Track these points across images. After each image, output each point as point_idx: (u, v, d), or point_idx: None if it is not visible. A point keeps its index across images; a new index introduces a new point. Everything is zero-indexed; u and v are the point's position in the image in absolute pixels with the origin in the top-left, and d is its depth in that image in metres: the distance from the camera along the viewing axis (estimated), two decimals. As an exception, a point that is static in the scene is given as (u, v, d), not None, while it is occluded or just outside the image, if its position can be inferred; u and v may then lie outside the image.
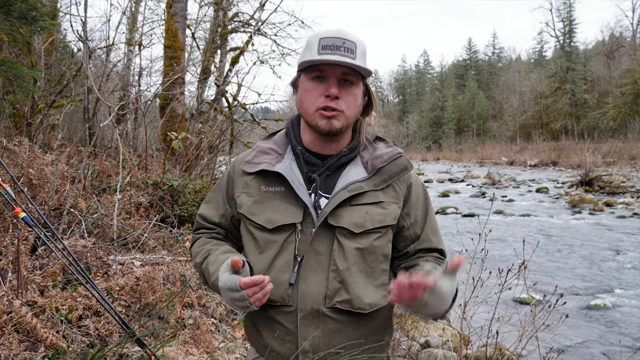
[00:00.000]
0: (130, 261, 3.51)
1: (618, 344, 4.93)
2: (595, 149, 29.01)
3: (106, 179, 5.12)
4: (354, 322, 1.33)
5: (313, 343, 1.30)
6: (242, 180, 1.42)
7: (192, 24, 11.75)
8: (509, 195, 18.48)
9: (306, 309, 1.30)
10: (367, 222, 1.32)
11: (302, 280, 1.30)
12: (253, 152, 1.44)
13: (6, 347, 2.19)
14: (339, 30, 1.32)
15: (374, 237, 1.34)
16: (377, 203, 1.35)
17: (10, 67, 4.28)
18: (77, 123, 10.88)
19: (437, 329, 4.85)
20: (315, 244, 1.31)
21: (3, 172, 3.34)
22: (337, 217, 1.32)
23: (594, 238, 10.42)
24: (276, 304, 1.31)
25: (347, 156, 1.39)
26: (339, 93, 1.31)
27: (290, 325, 1.32)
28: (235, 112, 9.18)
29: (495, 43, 78.70)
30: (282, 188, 1.36)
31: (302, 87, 1.36)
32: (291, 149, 1.42)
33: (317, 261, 1.31)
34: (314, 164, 1.39)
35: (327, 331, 1.31)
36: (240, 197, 1.41)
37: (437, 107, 71.73)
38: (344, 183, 1.35)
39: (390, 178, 1.39)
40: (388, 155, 1.41)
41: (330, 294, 1.29)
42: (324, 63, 1.29)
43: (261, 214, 1.35)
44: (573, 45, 56.43)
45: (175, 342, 3.08)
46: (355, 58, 1.29)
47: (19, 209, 1.79)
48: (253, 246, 1.36)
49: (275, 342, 1.34)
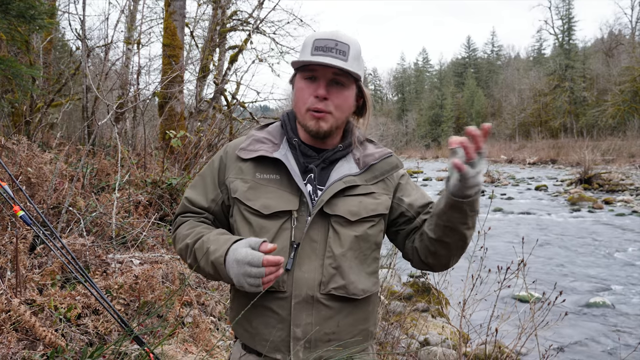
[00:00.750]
0: (129, 260, 3.51)
1: (617, 341, 4.94)
2: (594, 146, 29.02)
3: (105, 177, 5.12)
4: (346, 309, 1.36)
5: (305, 330, 1.32)
6: (236, 165, 1.43)
7: (191, 22, 11.74)
8: (508, 193, 18.50)
9: (300, 295, 1.31)
10: (362, 211, 1.37)
11: (297, 267, 1.32)
12: (248, 140, 1.46)
13: (5, 346, 2.19)
14: (334, 32, 1.35)
15: (368, 225, 1.38)
16: (369, 194, 1.41)
17: (8, 66, 4.27)
18: (75, 122, 10.87)
19: (437, 327, 4.85)
20: (311, 232, 1.34)
21: (1, 171, 3.33)
22: (333, 206, 1.35)
23: (592, 236, 10.44)
24: (270, 290, 1.32)
25: (342, 152, 1.44)
26: (328, 94, 1.34)
27: (283, 312, 1.33)
28: (234, 110, 9.17)
29: (494, 41, 78.71)
30: (277, 176, 1.39)
31: (297, 86, 1.40)
32: (287, 140, 1.45)
33: (312, 248, 1.34)
34: (309, 155, 1.42)
35: (320, 318, 1.33)
36: (235, 182, 1.41)
37: (436, 105, 71.72)
38: (338, 175, 1.39)
39: (381, 175, 1.44)
40: (379, 154, 1.47)
41: (325, 280, 1.32)
42: (314, 64, 1.32)
43: (257, 199, 1.36)
44: (572, 43, 56.44)
45: (174, 340, 3.08)
46: (347, 60, 1.33)
47: (18, 208, 1.79)
48: (247, 231, 1.37)
49: (265, 329, 1.35)
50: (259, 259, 1.21)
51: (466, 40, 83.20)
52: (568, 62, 53.70)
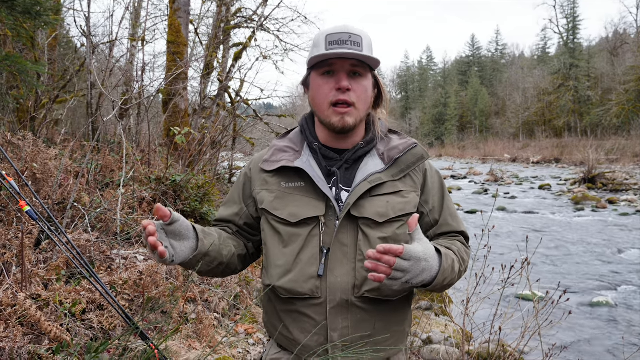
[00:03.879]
0: (134, 255, 3.52)
1: (621, 341, 4.93)
2: (598, 146, 28.94)
3: (109, 173, 5.13)
4: (381, 311, 1.35)
5: (342, 334, 1.32)
6: (261, 178, 1.44)
7: (195, 19, 11.74)
8: (512, 192, 18.46)
9: (335, 300, 1.31)
10: (390, 211, 1.34)
11: (329, 272, 1.32)
12: (270, 151, 1.47)
13: (11, 340, 2.20)
14: (345, 26, 1.35)
15: (397, 225, 1.35)
16: (396, 192, 1.37)
17: (14, 62, 4.28)
18: (80, 118, 10.88)
19: (440, 325, 4.85)
20: (340, 236, 1.33)
21: (7, 166, 3.35)
22: (360, 208, 1.34)
23: (596, 235, 10.41)
24: (304, 297, 1.33)
25: (364, 149, 1.42)
26: (350, 85, 1.33)
27: (319, 317, 1.33)
28: (238, 107, 9.17)
29: (499, 40, 78.41)
30: (302, 183, 1.38)
31: (314, 84, 1.39)
32: (307, 146, 1.45)
33: (342, 252, 1.33)
34: (331, 158, 1.41)
35: (355, 321, 1.33)
36: (261, 194, 1.42)
37: (439, 104, 71.56)
38: (363, 175, 1.37)
39: (407, 168, 1.41)
40: (404, 145, 1.43)
41: (359, 284, 1.31)
42: (333, 57, 1.31)
43: (284, 208, 1.36)
44: (577, 42, 56.09)
45: (178, 336, 3.09)
46: (362, 50, 1.32)
47: (23, 203, 1.79)
48: (277, 241, 1.38)
49: (302, 335, 1.35)
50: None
51: (470, 39, 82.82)
52: (573, 61, 53.43)
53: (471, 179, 25.13)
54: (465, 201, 15.97)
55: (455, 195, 17.99)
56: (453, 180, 25.18)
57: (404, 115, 78.43)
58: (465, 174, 28.23)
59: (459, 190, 19.66)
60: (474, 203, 15.47)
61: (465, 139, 62.26)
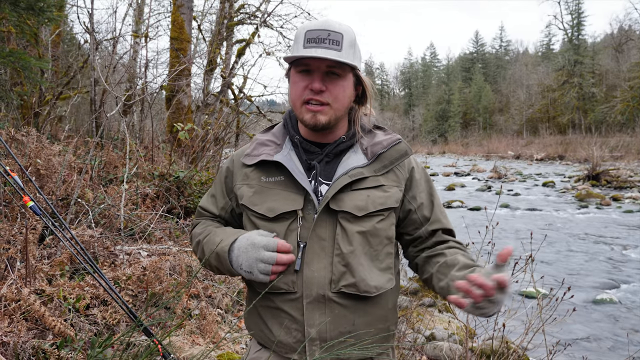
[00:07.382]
0: (137, 251, 3.53)
1: (625, 338, 4.92)
2: (602, 143, 28.81)
3: (113, 170, 5.14)
4: (361, 307, 1.33)
5: (320, 330, 1.30)
6: (242, 172, 1.43)
7: (199, 15, 11.74)
8: (515, 189, 18.40)
9: (312, 295, 1.29)
10: (369, 205, 1.32)
11: (306, 266, 1.30)
12: (252, 145, 1.45)
13: (15, 335, 2.21)
14: (325, 22, 1.30)
15: (377, 219, 1.33)
16: (378, 187, 1.35)
17: (18, 59, 4.29)
18: (83, 114, 10.91)
19: (443, 322, 4.85)
20: (318, 230, 1.31)
21: (11, 162, 3.36)
22: (339, 201, 1.31)
23: (600, 232, 10.37)
24: (281, 292, 1.31)
25: (345, 143, 1.40)
26: (324, 86, 1.30)
27: (296, 312, 1.31)
28: (241, 104, 9.17)
29: (503, 36, 78.13)
30: (281, 177, 1.36)
31: (292, 80, 1.37)
32: (289, 139, 1.43)
33: (320, 246, 1.31)
34: (312, 152, 1.40)
35: (334, 317, 1.30)
36: (241, 188, 1.41)
37: (443, 101, 71.35)
38: (344, 169, 1.35)
39: (390, 164, 1.39)
40: (387, 141, 1.41)
41: (336, 278, 1.29)
42: (307, 58, 1.29)
43: (262, 203, 1.35)
44: (581, 38, 55.82)
45: (182, 332, 3.09)
46: (341, 49, 1.28)
47: (27, 198, 1.80)
48: None
49: (281, 332, 1.33)
50: (274, 243, 1.25)
51: (474, 35, 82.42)
52: (577, 57, 53.16)
53: (474, 176, 25.06)
54: (468, 198, 15.94)
55: (459, 192, 17.97)
56: (456, 177, 25.12)
57: (407, 112, 78.30)
58: (468, 171, 28.15)
59: (463, 187, 19.61)
60: (478, 200, 15.44)
61: (468, 136, 62.07)
